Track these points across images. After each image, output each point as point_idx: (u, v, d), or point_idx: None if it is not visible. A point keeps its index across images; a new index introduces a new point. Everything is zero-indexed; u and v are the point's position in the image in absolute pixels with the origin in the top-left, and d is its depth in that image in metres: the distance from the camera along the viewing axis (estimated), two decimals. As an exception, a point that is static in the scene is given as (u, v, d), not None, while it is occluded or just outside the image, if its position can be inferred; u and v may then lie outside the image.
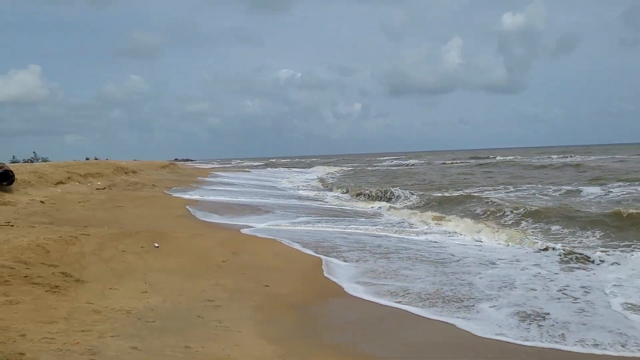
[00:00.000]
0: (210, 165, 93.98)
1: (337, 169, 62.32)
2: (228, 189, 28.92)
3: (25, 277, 6.51)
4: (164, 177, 35.60)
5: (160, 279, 7.47)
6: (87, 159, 59.51)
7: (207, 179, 38.94)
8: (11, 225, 9.74)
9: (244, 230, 12.62)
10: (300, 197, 24.80)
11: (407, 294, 7.56)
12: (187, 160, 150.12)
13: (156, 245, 9.18)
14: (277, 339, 5.50)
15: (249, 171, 60.06)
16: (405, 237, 12.93)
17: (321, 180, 40.25)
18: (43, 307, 5.73)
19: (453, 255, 10.38)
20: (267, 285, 7.57)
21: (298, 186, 33.93)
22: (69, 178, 20.97)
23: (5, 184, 14.85)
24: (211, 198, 21.95)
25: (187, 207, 17.35)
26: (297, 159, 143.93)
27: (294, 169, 68.26)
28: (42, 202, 14.44)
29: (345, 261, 9.55)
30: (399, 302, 7.19)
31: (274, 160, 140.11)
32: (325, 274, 8.60)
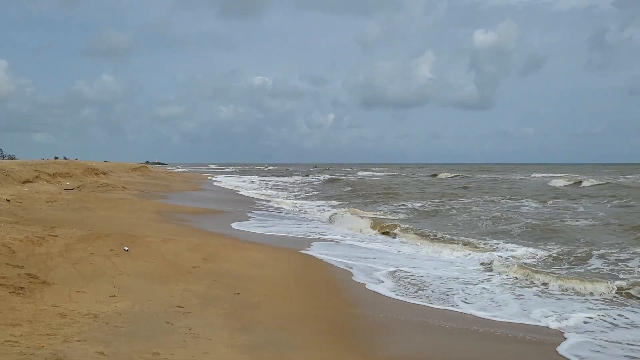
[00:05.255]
0: (182, 170, 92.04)
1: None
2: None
3: (-11, 277, 6.32)
4: (135, 180, 35.06)
5: (130, 283, 7.34)
6: (56, 158, 58.34)
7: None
8: (-25, 223, 9.44)
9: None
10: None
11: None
12: (159, 163, 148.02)
13: (126, 248, 9.02)
14: (248, 347, 5.44)
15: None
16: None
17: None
18: (7, 309, 5.56)
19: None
20: (238, 293, 7.50)
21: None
22: (36, 177, 20.48)
23: (-30, 180, 14.41)
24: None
25: (161, 211, 17.11)
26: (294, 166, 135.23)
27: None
28: (8, 200, 14.03)
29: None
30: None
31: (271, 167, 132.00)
32: (301, 284, 8.56)
